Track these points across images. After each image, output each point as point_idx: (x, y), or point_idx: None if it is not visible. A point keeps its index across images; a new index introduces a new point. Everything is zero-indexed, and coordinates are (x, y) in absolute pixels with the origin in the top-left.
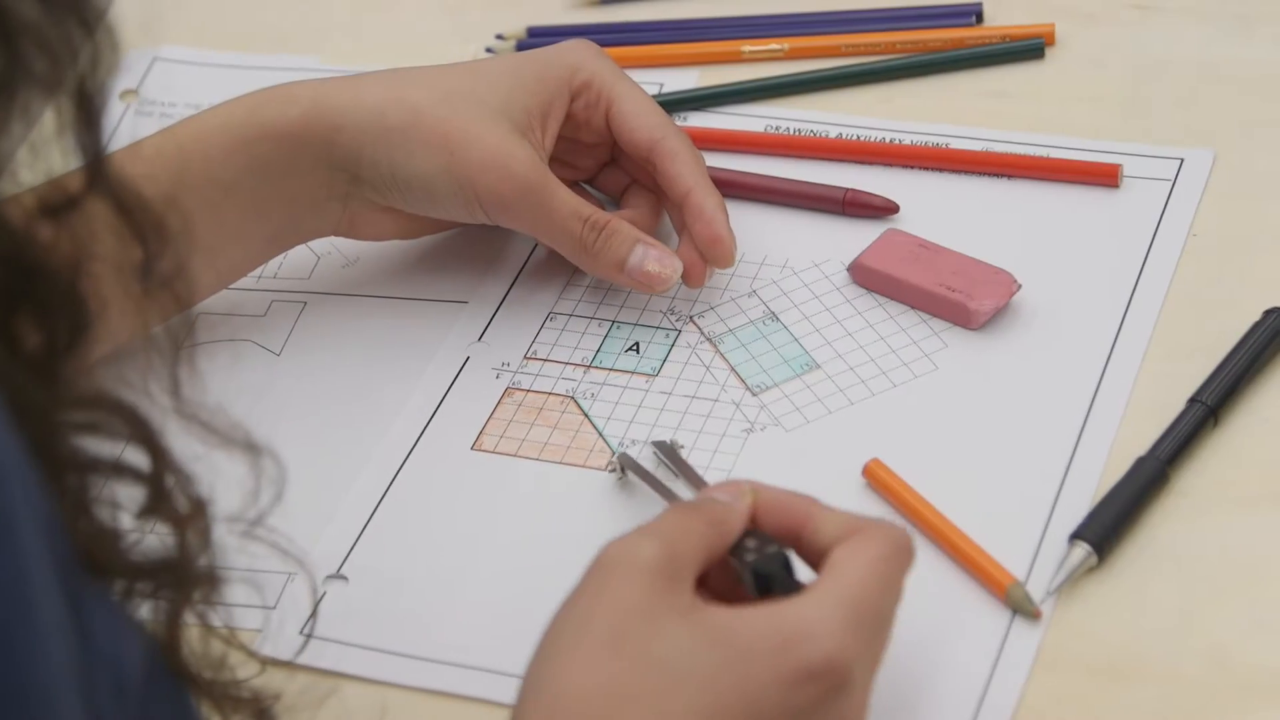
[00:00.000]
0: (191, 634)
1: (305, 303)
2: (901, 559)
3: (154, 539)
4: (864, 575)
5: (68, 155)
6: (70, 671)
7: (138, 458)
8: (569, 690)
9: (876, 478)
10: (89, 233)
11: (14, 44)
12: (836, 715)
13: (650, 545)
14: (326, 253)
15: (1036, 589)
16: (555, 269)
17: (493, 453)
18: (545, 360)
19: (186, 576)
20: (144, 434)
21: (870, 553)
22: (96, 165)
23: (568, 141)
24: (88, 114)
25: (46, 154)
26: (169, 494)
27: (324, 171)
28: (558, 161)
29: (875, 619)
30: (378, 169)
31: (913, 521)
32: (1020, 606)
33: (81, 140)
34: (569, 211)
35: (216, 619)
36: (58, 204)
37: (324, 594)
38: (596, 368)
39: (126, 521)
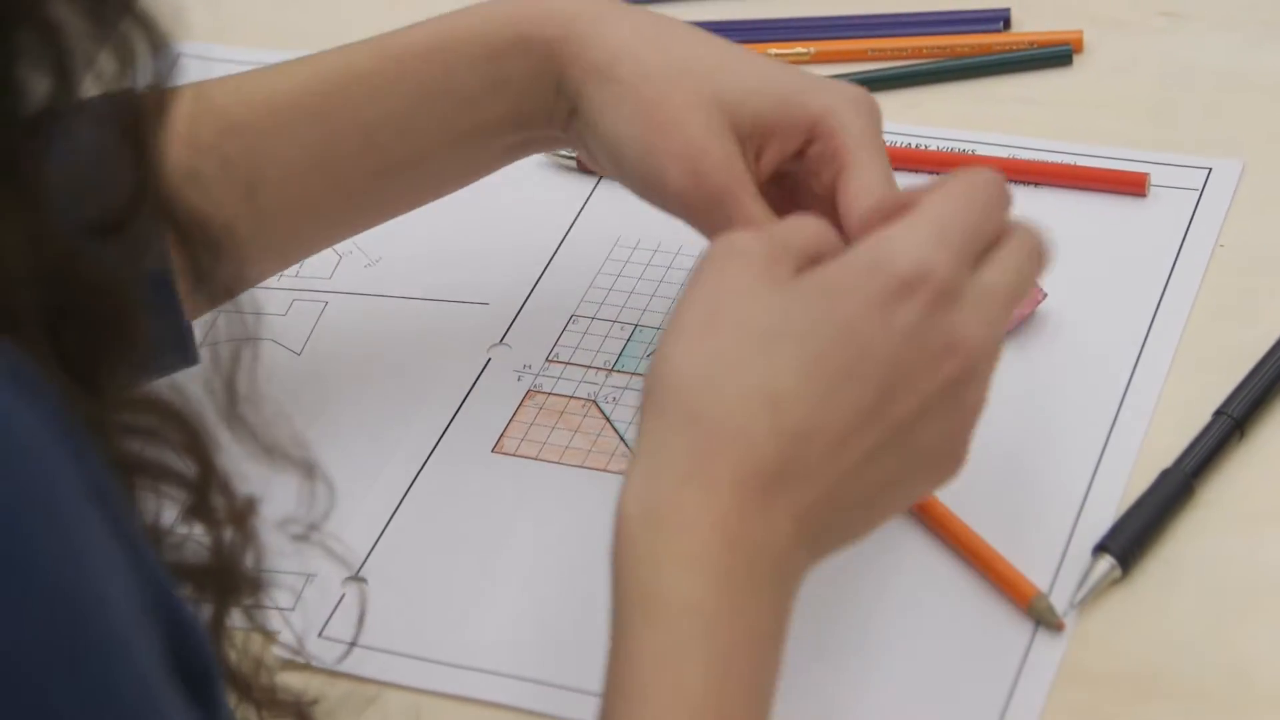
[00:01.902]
0: (235, 636)
1: (326, 302)
2: (992, 186)
3: (198, 542)
4: (949, 195)
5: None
6: (143, 625)
7: (185, 461)
8: (672, 373)
9: None
10: (144, 235)
11: (67, 64)
12: (946, 333)
13: (749, 235)
14: (348, 252)
15: (1060, 601)
16: (579, 271)
17: (513, 455)
18: (567, 363)
19: (230, 581)
20: (193, 438)
21: (956, 182)
22: (148, 178)
23: (793, 179)
24: (139, 127)
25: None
26: (214, 498)
27: (553, 94)
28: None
29: (965, 235)
30: (588, 112)
31: (936, 531)
32: (1043, 618)
33: (132, 153)
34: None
35: (260, 623)
36: (109, 223)
37: (343, 596)
38: (619, 371)
39: (171, 523)
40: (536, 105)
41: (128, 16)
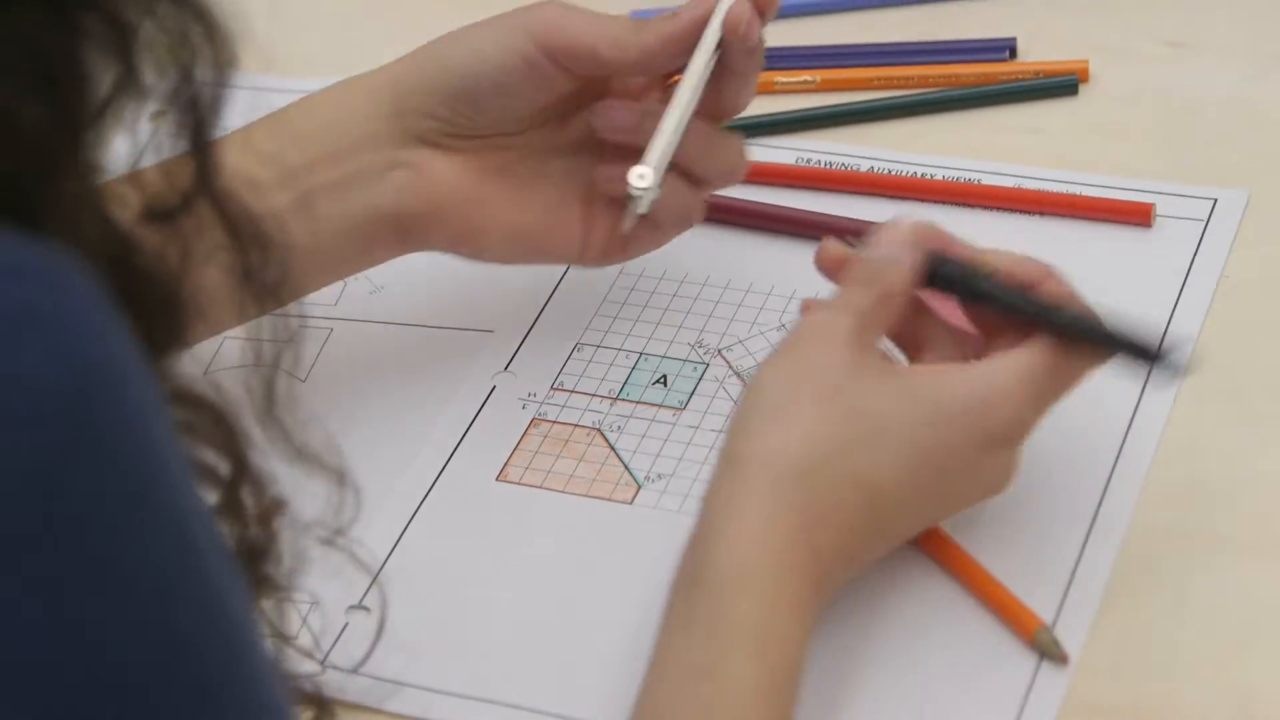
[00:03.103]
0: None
1: (331, 329)
2: (1081, 369)
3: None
4: (1050, 359)
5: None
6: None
7: (218, 457)
8: (790, 443)
9: None
10: (196, 229)
11: (130, 55)
12: (1016, 463)
13: (845, 318)
14: (353, 278)
15: (1063, 633)
16: (584, 298)
17: (518, 484)
18: (572, 391)
19: (252, 579)
20: (228, 435)
21: (1056, 350)
22: (204, 172)
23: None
24: (198, 122)
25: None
26: (244, 496)
27: (385, 121)
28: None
29: (1051, 397)
30: (450, 83)
31: (940, 562)
32: (1048, 651)
33: (191, 147)
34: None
35: (284, 624)
36: (165, 209)
37: (346, 625)
38: (623, 400)
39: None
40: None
41: (186, 9)
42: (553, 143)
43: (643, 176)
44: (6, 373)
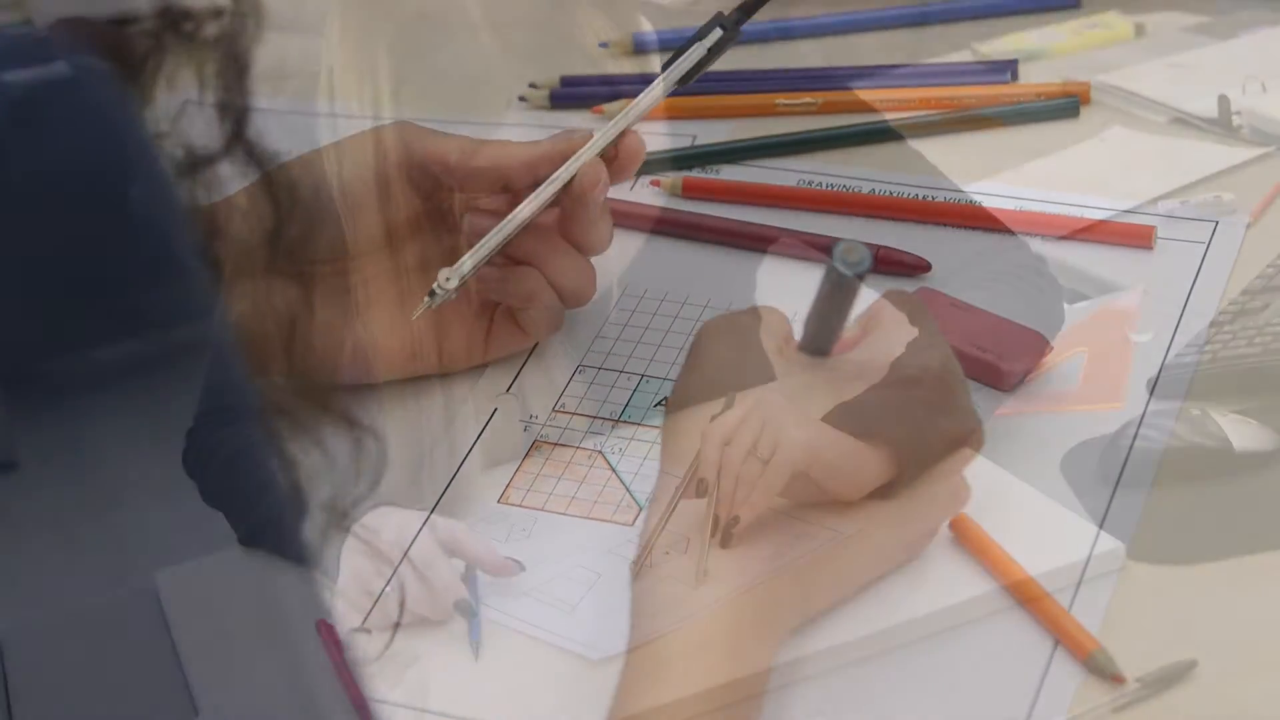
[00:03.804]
0: None
1: None
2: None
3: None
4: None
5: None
6: None
7: None
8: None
9: (963, 531)
10: (226, 205)
11: (167, 10)
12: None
13: (746, 315)
14: None
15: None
16: (586, 321)
17: (519, 506)
18: (574, 414)
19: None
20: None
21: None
22: (238, 124)
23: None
24: (232, 75)
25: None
26: None
27: None
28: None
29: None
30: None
31: (993, 574)
32: (1102, 672)
33: (225, 100)
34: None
35: None
36: (198, 160)
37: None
38: (625, 422)
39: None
40: None
41: None
42: (389, 265)
43: (449, 279)
44: (60, 123)
